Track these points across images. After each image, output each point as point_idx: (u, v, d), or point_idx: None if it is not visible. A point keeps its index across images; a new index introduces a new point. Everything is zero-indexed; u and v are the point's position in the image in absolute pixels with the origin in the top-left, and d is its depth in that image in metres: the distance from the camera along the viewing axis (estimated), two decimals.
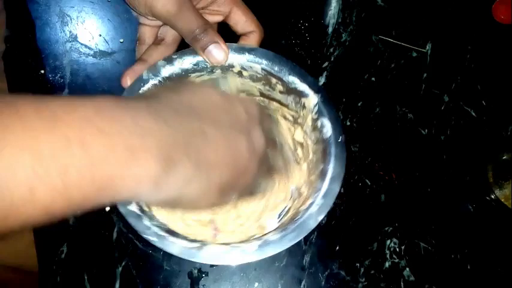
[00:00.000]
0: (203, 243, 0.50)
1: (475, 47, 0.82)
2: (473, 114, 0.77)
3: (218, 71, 0.62)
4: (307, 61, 0.79)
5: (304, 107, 0.61)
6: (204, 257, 0.50)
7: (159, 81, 0.58)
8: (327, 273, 0.65)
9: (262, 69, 0.60)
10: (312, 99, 0.59)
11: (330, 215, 0.56)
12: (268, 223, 0.65)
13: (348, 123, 0.75)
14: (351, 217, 0.68)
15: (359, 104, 0.76)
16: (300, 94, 0.60)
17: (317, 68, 0.79)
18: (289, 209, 0.66)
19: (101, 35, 0.79)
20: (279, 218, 0.66)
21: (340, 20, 0.83)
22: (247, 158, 0.41)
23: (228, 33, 0.78)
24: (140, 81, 0.57)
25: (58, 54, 0.77)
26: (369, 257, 0.66)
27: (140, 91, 0.56)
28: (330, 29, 0.82)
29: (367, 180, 0.71)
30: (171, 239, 0.50)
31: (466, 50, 0.81)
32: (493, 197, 0.71)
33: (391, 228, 0.68)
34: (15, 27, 0.78)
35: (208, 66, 0.60)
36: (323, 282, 0.65)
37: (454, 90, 0.78)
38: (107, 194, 0.30)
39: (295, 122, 0.66)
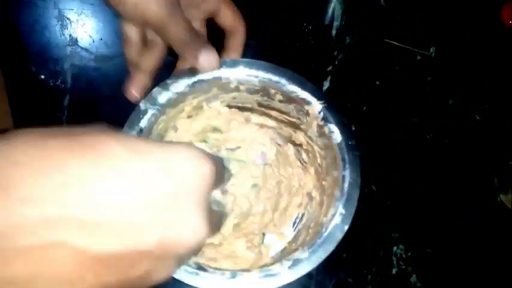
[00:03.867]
0: (234, 273, 0.50)
1: (480, 51, 0.81)
2: (478, 118, 0.77)
3: (214, 89, 0.61)
4: (310, 65, 0.78)
5: (308, 114, 0.60)
6: (239, 286, 0.50)
7: (158, 109, 0.57)
8: (334, 280, 0.65)
9: (260, 81, 0.60)
10: (316, 106, 0.59)
11: None
12: (285, 231, 0.65)
13: (353, 128, 0.74)
14: (357, 223, 0.68)
15: (364, 109, 0.76)
16: (302, 102, 0.60)
17: (321, 72, 0.78)
18: (302, 215, 0.66)
19: (101, 39, 0.78)
20: (293, 226, 0.65)
21: (343, 23, 0.82)
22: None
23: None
24: (138, 112, 0.56)
25: (58, 58, 0.76)
26: (376, 264, 0.66)
27: (140, 123, 0.56)
28: (334, 32, 0.82)
29: (373, 186, 0.70)
30: (203, 274, 0.50)
31: (471, 54, 0.81)
32: (498, 201, 0.71)
33: (397, 235, 0.68)
34: (12, 31, 0.77)
35: (205, 87, 0.59)
36: None
37: (458, 94, 0.78)
38: None
39: (296, 127, 0.65)
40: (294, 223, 0.66)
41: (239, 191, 0.62)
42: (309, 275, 0.65)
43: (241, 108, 0.67)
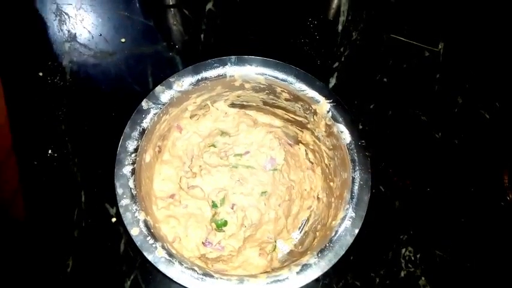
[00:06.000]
0: (241, 278, 0.49)
1: (490, 46, 0.79)
2: (487, 116, 0.75)
3: (219, 88, 0.59)
4: (316, 61, 0.76)
5: (315, 113, 0.58)
6: None
7: (160, 108, 0.55)
8: (341, 284, 0.64)
9: (266, 79, 0.58)
10: (324, 105, 0.57)
11: None
12: (293, 234, 0.63)
13: (360, 127, 0.72)
14: (365, 225, 0.66)
15: (371, 107, 0.74)
16: (310, 101, 0.58)
17: (327, 68, 0.76)
18: (308, 217, 0.64)
19: (101, 35, 0.75)
20: (299, 228, 0.64)
21: (350, 18, 0.80)
22: None
23: (229, 40, 0.75)
24: (141, 112, 0.54)
25: (56, 55, 0.73)
26: (384, 267, 0.65)
27: (143, 123, 0.54)
28: (340, 27, 0.79)
29: (381, 187, 0.69)
30: (209, 280, 0.48)
31: (481, 50, 0.79)
32: (508, 199, 0.69)
33: (406, 236, 0.67)
34: (9, 27, 0.74)
35: (209, 84, 0.57)
36: None
37: (467, 91, 0.76)
38: None
39: (303, 127, 0.63)
40: (299, 225, 0.65)
41: (248, 201, 0.60)
42: (315, 279, 0.63)
43: (246, 107, 0.65)
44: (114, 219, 0.64)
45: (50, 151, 0.67)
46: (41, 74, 0.72)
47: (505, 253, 0.67)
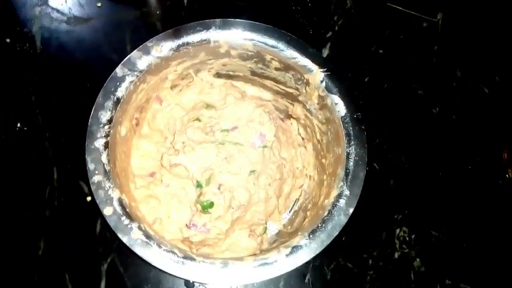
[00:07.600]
0: (225, 262, 0.45)
1: (491, 18, 0.75)
2: (486, 90, 0.71)
3: (202, 54, 0.54)
4: (308, 30, 0.71)
5: (308, 83, 0.54)
6: (230, 277, 0.45)
7: (137, 76, 0.50)
8: (332, 265, 0.60)
9: (254, 45, 0.53)
10: (317, 74, 0.53)
11: None
12: (284, 215, 0.60)
13: None
14: (358, 204, 0.63)
15: (366, 79, 0.70)
16: (302, 70, 0.53)
17: (320, 38, 0.71)
18: (298, 196, 0.61)
19: None
20: (290, 208, 0.60)
21: None
22: None
23: (214, 6, 0.69)
24: (115, 80, 0.49)
25: (26, 20, 0.67)
26: (377, 248, 0.62)
27: (117, 92, 0.49)
28: None
29: (374, 164, 0.65)
30: (190, 263, 0.44)
31: (481, 21, 0.75)
32: (507, 176, 0.66)
33: (400, 216, 0.63)
34: None
35: (191, 51, 0.52)
36: (329, 276, 0.60)
37: (466, 64, 0.72)
38: None
39: (293, 99, 0.59)
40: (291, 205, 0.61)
41: (235, 180, 0.56)
42: None
43: (232, 78, 0.60)
44: (89, 198, 0.59)
45: (19, 124, 0.62)
46: (8, 40, 0.66)
47: (502, 233, 0.64)
